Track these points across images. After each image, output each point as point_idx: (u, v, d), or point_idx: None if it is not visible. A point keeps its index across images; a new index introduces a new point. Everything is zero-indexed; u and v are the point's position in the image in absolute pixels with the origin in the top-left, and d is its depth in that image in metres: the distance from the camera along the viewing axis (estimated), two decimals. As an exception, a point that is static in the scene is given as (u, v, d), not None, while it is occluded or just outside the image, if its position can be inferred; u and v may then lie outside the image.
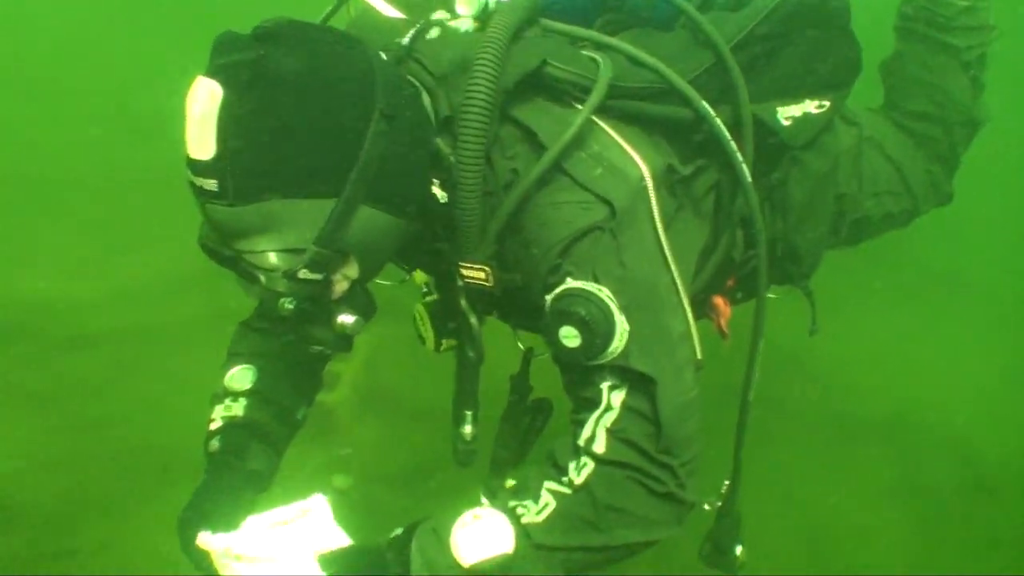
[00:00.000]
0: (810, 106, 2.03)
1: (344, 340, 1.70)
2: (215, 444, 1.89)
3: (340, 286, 1.63)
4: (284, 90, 1.41)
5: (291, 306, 1.54)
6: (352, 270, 1.62)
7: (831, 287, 2.42)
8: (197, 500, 1.81)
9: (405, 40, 1.68)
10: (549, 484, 1.59)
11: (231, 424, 1.92)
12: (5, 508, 3.09)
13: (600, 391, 1.60)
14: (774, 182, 2.10)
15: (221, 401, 1.97)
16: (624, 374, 1.58)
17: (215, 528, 1.61)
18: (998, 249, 5.09)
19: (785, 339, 2.37)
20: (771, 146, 1.97)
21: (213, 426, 1.93)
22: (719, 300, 2.14)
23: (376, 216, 1.55)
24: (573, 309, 1.52)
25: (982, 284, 4.93)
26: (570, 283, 1.57)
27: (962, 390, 4.30)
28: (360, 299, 1.68)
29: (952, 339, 4.61)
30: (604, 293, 1.54)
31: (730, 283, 2.13)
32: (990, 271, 4.99)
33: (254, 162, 1.40)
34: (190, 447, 2.00)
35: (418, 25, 1.72)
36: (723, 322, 2.17)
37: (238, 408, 1.93)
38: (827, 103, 2.06)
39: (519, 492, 1.63)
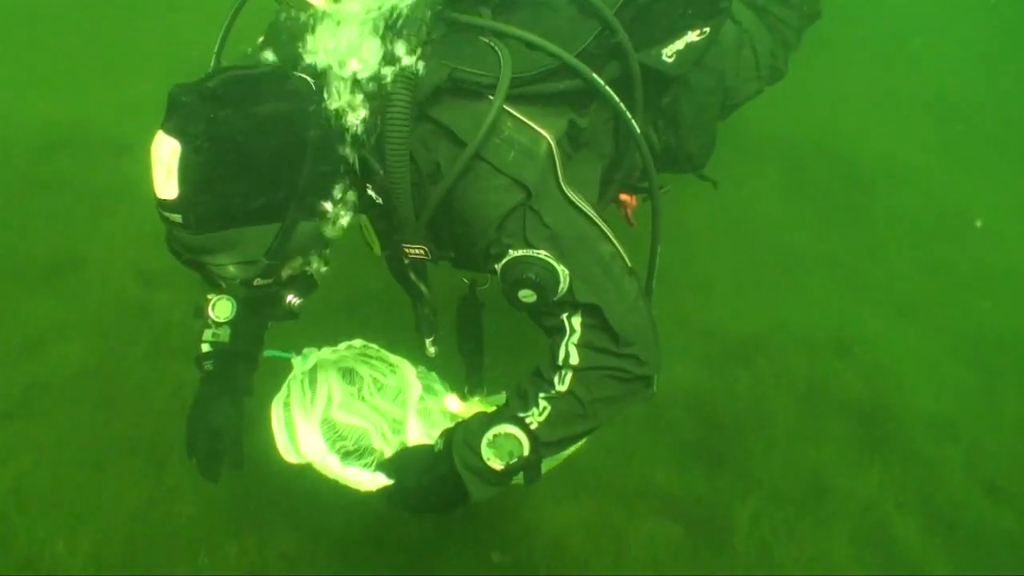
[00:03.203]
0: (692, 36, 2.18)
1: (291, 314, 1.98)
2: (209, 367, 2.28)
3: (287, 275, 1.90)
4: (232, 142, 1.62)
5: (247, 294, 1.84)
6: (296, 264, 1.89)
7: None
8: (203, 413, 2.23)
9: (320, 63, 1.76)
10: (542, 394, 1.87)
11: (220, 349, 2.29)
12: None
13: (562, 321, 1.87)
14: (665, 104, 2.32)
15: (208, 327, 2.31)
16: (575, 304, 1.85)
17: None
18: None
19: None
20: (659, 79, 2.17)
21: (204, 348, 2.29)
22: (624, 196, 2.44)
23: (313, 227, 1.82)
24: (524, 275, 1.78)
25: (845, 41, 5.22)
26: (512, 253, 1.81)
27: (841, 115, 4.99)
28: (303, 283, 1.97)
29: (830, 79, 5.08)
30: (542, 253, 1.79)
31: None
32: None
33: (211, 202, 1.63)
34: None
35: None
36: (629, 212, 2.48)
37: (223, 335, 2.30)
38: (707, 29, 2.21)
39: (524, 401, 1.90)
